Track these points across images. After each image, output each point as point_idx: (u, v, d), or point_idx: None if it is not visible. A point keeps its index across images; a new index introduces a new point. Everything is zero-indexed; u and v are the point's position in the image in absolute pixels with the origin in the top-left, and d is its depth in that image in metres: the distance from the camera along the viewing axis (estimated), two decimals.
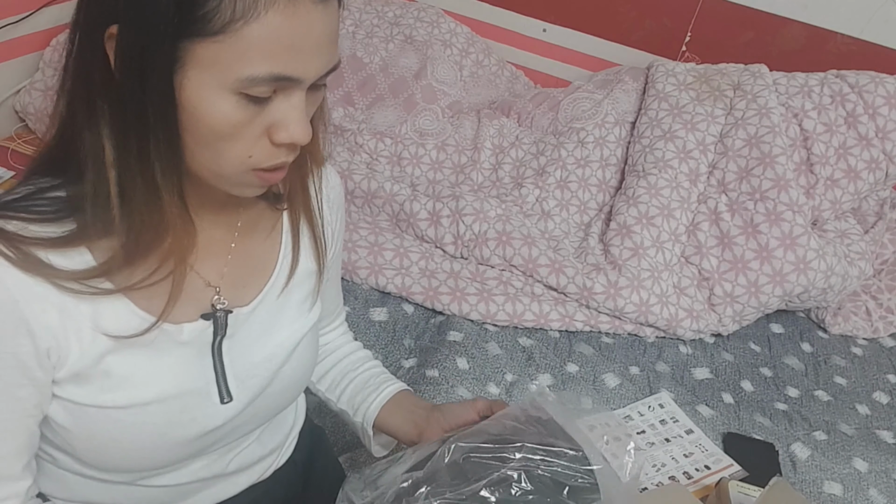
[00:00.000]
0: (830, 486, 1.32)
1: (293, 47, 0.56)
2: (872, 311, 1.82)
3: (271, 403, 0.79)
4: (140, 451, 0.69)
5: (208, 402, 0.71)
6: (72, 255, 0.61)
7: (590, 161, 1.87)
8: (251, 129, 0.58)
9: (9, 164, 1.77)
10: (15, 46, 1.80)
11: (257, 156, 0.60)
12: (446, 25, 2.18)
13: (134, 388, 0.66)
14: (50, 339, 0.61)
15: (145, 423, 0.67)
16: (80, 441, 0.67)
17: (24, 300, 0.59)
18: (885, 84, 1.73)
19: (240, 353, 0.74)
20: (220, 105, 0.56)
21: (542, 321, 1.60)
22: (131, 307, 0.65)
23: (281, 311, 0.77)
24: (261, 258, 0.76)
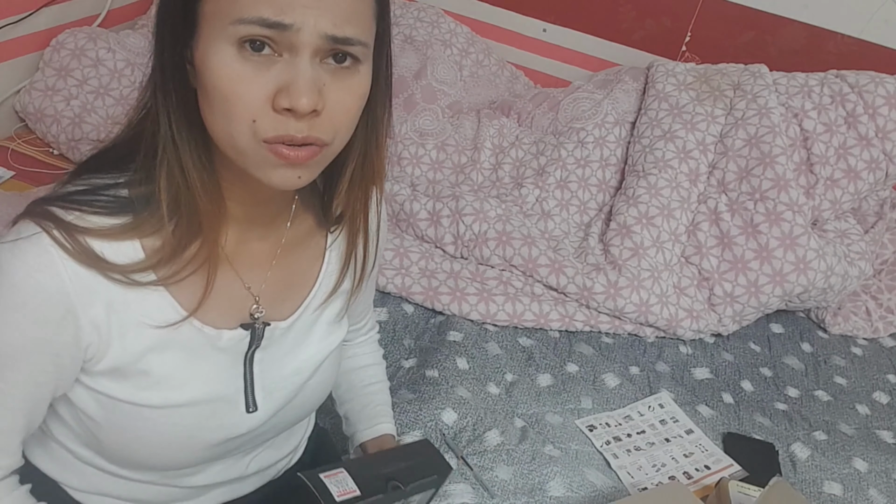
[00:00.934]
0: (830, 486, 1.32)
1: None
2: (872, 311, 1.82)
3: (292, 415, 0.81)
4: (165, 451, 0.71)
5: (235, 410, 0.73)
6: (124, 246, 0.63)
7: (590, 161, 1.87)
8: (254, 90, 0.57)
9: (9, 164, 1.77)
10: (15, 46, 1.80)
11: (261, 122, 0.58)
12: (446, 25, 2.18)
13: (170, 390, 0.68)
14: (93, 333, 0.63)
15: (175, 425, 0.69)
16: (107, 435, 0.69)
17: (76, 292, 0.61)
18: (885, 84, 1.73)
19: (270, 365, 0.75)
20: (221, 56, 0.57)
21: (542, 321, 1.59)
22: (174, 305, 0.66)
23: (313, 327, 0.79)
24: (302, 274, 0.77)
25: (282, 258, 0.75)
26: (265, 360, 0.75)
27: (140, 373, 0.66)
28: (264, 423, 0.76)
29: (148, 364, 0.66)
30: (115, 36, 1.95)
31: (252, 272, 0.73)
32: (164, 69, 0.61)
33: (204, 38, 0.58)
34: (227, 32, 0.56)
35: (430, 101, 2.05)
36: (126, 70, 1.90)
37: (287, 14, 0.55)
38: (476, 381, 1.39)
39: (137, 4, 2.14)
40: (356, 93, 0.61)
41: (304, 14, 0.56)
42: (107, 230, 0.62)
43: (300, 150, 0.59)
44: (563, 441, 1.31)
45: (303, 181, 0.62)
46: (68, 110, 1.82)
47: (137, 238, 0.63)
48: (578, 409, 1.40)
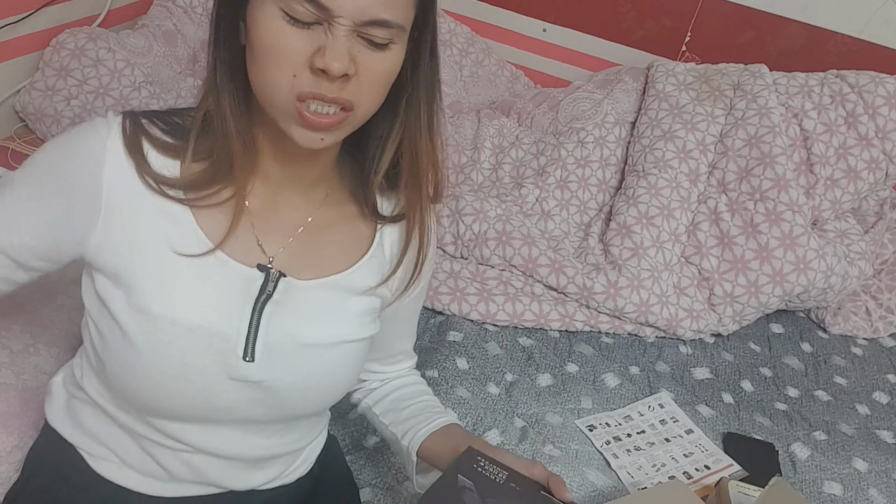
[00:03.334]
0: (830, 486, 1.32)
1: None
2: (872, 311, 1.82)
3: (296, 398, 0.78)
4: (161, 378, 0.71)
5: (232, 352, 0.73)
6: (166, 161, 0.71)
7: (590, 161, 1.87)
8: (295, 50, 0.63)
9: (9, 164, 1.77)
10: (15, 46, 1.80)
11: (300, 77, 0.64)
12: (446, 25, 2.18)
13: (168, 300, 0.70)
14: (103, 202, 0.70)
15: (169, 344, 0.70)
16: (109, 353, 0.72)
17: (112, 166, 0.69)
18: (885, 84, 1.73)
19: (279, 322, 0.75)
20: (268, 17, 0.63)
21: (542, 321, 1.59)
22: (193, 224, 0.72)
23: (339, 309, 0.79)
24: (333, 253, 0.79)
25: (308, 234, 0.77)
26: (274, 315, 0.74)
27: (145, 275, 0.70)
28: (259, 382, 0.74)
29: (153, 268, 0.70)
30: (115, 36, 1.95)
31: (273, 235, 0.76)
32: (219, 24, 0.68)
33: (257, 5, 0.64)
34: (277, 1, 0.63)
35: None
36: (126, 70, 1.90)
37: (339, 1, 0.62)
38: (476, 381, 1.39)
39: (137, 4, 2.14)
40: (385, 65, 0.67)
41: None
42: (159, 140, 0.71)
43: (324, 118, 0.66)
44: (563, 441, 1.31)
45: (325, 143, 0.68)
46: (68, 110, 1.82)
47: (178, 160, 0.71)
48: (578, 409, 1.40)
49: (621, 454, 1.31)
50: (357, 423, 1.26)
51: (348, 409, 1.30)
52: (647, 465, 1.30)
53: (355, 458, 1.19)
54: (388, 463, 1.19)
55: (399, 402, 0.96)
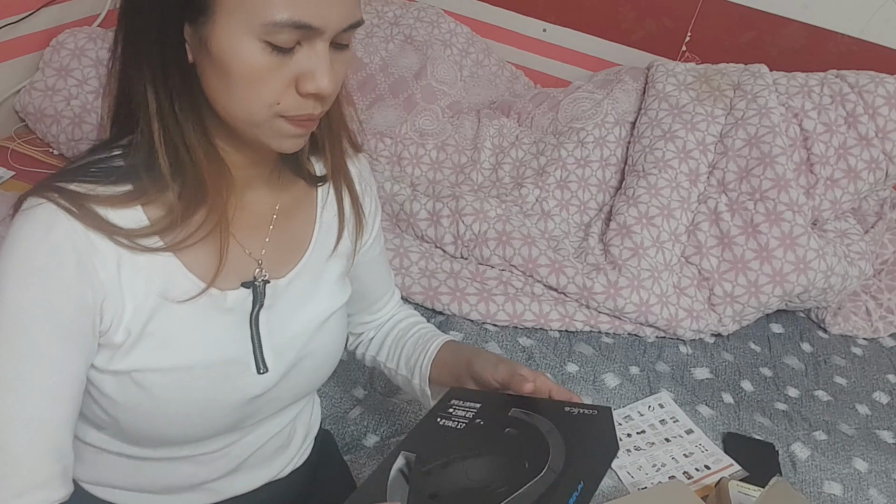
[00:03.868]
0: (830, 486, 1.32)
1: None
2: (872, 311, 1.82)
3: (303, 379, 0.81)
4: (184, 418, 0.71)
5: (247, 371, 0.74)
6: (127, 213, 0.65)
7: (590, 161, 1.87)
8: (278, 77, 0.61)
9: (9, 164, 1.77)
10: (15, 46, 1.80)
11: (285, 104, 0.62)
12: (446, 25, 2.18)
13: (179, 351, 0.69)
14: (107, 293, 0.65)
15: (190, 388, 0.70)
16: (125, 412, 0.69)
17: (87, 251, 0.63)
18: (885, 84, 1.73)
19: (277, 325, 0.76)
20: (246, 49, 0.59)
21: (542, 321, 1.59)
22: (182, 269, 0.68)
23: (316, 287, 0.80)
24: (297, 235, 0.79)
25: (279, 222, 0.77)
26: (271, 320, 0.75)
27: (149, 335, 0.67)
28: (277, 384, 0.77)
29: (157, 326, 0.67)
30: None
31: (252, 237, 0.75)
32: (163, 47, 0.61)
33: (223, 27, 0.59)
34: (255, 30, 0.58)
35: (430, 101, 2.05)
36: None
37: (316, 15, 0.59)
38: None
39: None
40: (348, 60, 0.67)
41: (328, 11, 0.60)
42: (109, 197, 0.64)
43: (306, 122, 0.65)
44: None
45: (303, 141, 0.68)
46: (68, 110, 1.82)
47: (140, 205, 0.66)
48: None
49: (621, 454, 1.31)
50: (357, 422, 1.26)
51: (348, 408, 1.30)
52: (647, 465, 1.30)
53: (355, 456, 1.19)
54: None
55: (397, 343, 0.98)
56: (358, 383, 1.36)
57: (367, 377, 1.38)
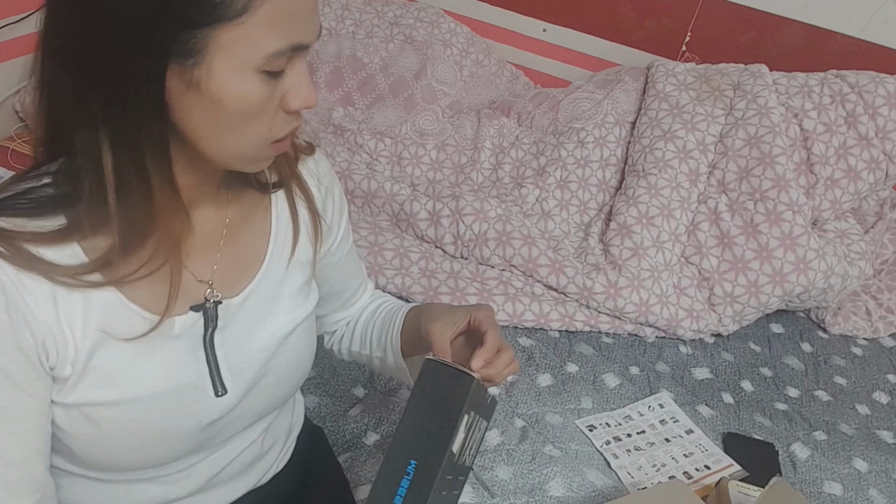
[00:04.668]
0: (830, 486, 1.32)
1: (298, 15, 0.58)
2: (872, 311, 1.82)
3: (268, 396, 0.79)
4: (138, 448, 0.69)
5: (203, 395, 0.71)
6: (63, 249, 0.61)
7: (590, 161, 1.87)
8: (271, 104, 0.60)
9: (9, 164, 1.77)
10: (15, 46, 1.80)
11: (276, 128, 0.62)
12: (446, 25, 2.18)
13: (126, 384, 0.65)
14: (46, 331, 0.61)
15: (141, 420, 0.67)
16: (77, 442, 0.67)
17: (19, 293, 0.59)
18: (885, 84, 1.73)
19: (233, 345, 0.73)
20: (247, 86, 0.58)
21: (542, 321, 1.59)
22: (123, 300, 0.64)
23: (275, 302, 0.77)
24: (250, 250, 0.76)
25: (229, 238, 0.73)
26: (227, 341, 0.72)
27: (93, 370, 0.64)
28: (237, 405, 0.74)
29: (99, 361, 0.64)
30: None
31: (200, 258, 0.71)
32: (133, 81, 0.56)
33: (220, 66, 0.56)
34: (256, 64, 0.57)
35: (430, 101, 2.05)
36: None
37: (303, 33, 0.59)
38: None
39: None
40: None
41: (310, 27, 0.60)
42: (41, 234, 0.60)
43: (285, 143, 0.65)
44: (563, 441, 1.30)
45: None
46: None
47: (76, 241, 0.61)
48: (578, 409, 1.40)
49: (621, 454, 1.31)
50: (357, 420, 1.26)
51: (348, 406, 1.30)
52: (647, 465, 1.30)
53: (355, 454, 1.19)
54: None
55: (367, 328, 0.96)
56: (358, 382, 1.36)
57: (367, 376, 1.38)
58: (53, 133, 0.62)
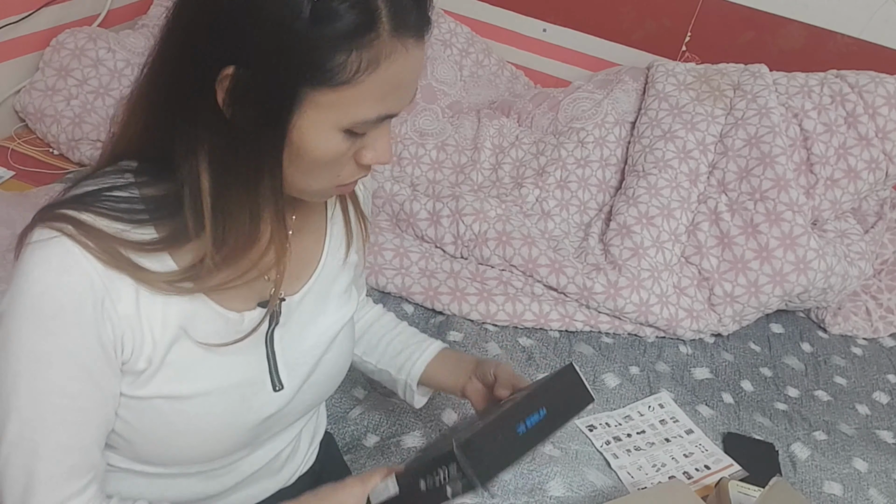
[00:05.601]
0: (830, 486, 1.32)
1: (401, 86, 0.60)
2: (872, 311, 1.82)
3: (315, 392, 0.82)
4: (202, 441, 0.71)
5: (263, 390, 0.74)
6: (156, 257, 0.63)
7: (590, 161, 1.87)
8: (346, 157, 0.63)
9: (9, 164, 1.77)
10: (15, 46, 1.80)
11: (344, 175, 0.65)
12: (446, 25, 2.18)
13: (199, 379, 0.68)
14: (126, 326, 0.63)
15: (208, 414, 0.70)
16: (140, 435, 0.69)
17: (105, 289, 0.61)
18: (885, 84, 1.73)
19: (290, 341, 0.76)
20: (329, 142, 0.60)
21: (542, 321, 1.59)
22: (204, 300, 0.67)
23: (326, 301, 0.80)
24: (308, 249, 0.79)
25: (293, 238, 0.76)
26: (285, 338, 0.76)
27: (167, 364, 0.66)
28: (291, 400, 0.77)
29: (175, 356, 0.66)
30: (115, 36, 1.95)
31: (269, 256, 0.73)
32: (262, 136, 0.59)
33: (309, 121, 0.58)
34: (342, 125, 0.59)
35: (430, 101, 2.05)
36: (126, 70, 1.90)
37: (400, 104, 0.62)
38: None
39: (137, 4, 2.14)
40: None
41: (408, 97, 0.63)
42: (135, 244, 0.62)
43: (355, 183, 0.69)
44: (563, 441, 1.30)
45: None
46: (68, 110, 1.82)
47: (167, 252, 0.64)
48: None
49: (621, 454, 1.31)
50: (357, 422, 1.26)
51: (348, 408, 1.30)
52: (647, 465, 1.30)
53: (355, 456, 1.19)
54: (389, 462, 1.19)
55: (378, 340, 1.00)
56: (358, 383, 1.36)
57: (367, 378, 1.38)
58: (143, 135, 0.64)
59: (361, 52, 0.56)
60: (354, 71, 0.56)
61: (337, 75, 0.56)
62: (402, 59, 0.59)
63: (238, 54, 0.56)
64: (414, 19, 0.59)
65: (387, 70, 0.58)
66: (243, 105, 0.57)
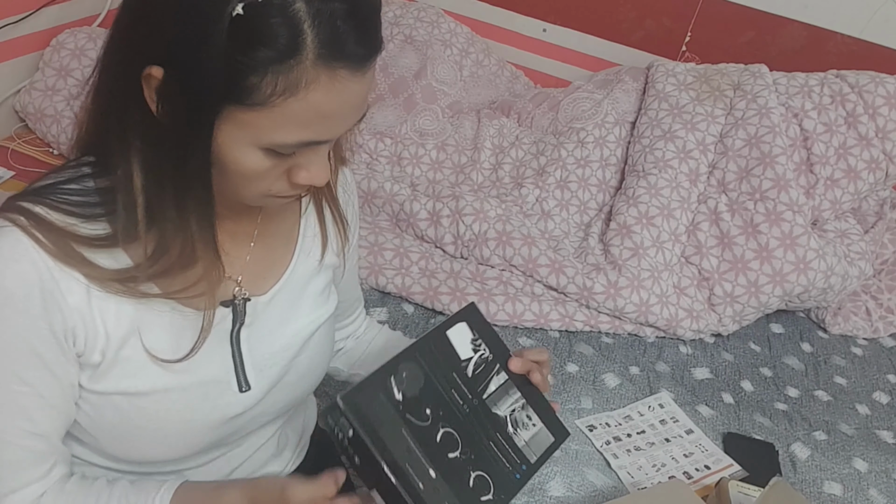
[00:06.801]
0: (830, 486, 1.32)
1: (327, 116, 0.57)
2: (872, 311, 1.82)
3: (288, 394, 0.81)
4: (161, 440, 0.70)
5: (228, 390, 0.73)
6: (105, 254, 0.62)
7: (590, 161, 1.87)
8: (273, 172, 0.61)
9: (9, 164, 1.77)
10: (15, 46, 1.80)
11: (276, 189, 0.63)
12: (446, 25, 2.18)
13: (154, 376, 0.67)
14: (77, 318, 0.62)
15: (168, 410, 0.69)
16: (102, 431, 0.69)
17: (54, 280, 0.60)
18: (885, 84, 1.73)
19: (258, 341, 0.75)
20: (248, 158, 0.58)
21: (542, 321, 1.59)
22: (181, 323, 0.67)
23: (299, 301, 0.79)
24: (278, 250, 0.78)
25: (260, 236, 0.75)
26: (252, 337, 0.74)
27: (124, 360, 0.66)
28: (259, 401, 0.76)
29: (130, 350, 0.65)
30: None
31: (231, 254, 0.72)
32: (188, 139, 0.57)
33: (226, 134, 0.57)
34: (259, 144, 0.57)
35: (430, 101, 2.05)
36: None
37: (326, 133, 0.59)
38: None
39: None
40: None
41: (338, 127, 0.59)
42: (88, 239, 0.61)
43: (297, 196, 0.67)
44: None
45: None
46: (68, 110, 1.82)
47: (120, 247, 0.63)
48: (578, 409, 1.40)
49: (621, 454, 1.31)
50: None
51: None
52: (647, 465, 1.30)
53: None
54: None
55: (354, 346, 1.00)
56: None
57: None
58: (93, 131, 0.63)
59: (278, 77, 0.53)
60: (269, 94, 0.54)
61: (251, 95, 0.54)
62: (327, 88, 0.55)
63: (163, 55, 0.54)
64: (350, 48, 0.55)
65: (308, 98, 0.55)
66: (170, 105, 0.56)
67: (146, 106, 0.57)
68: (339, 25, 0.54)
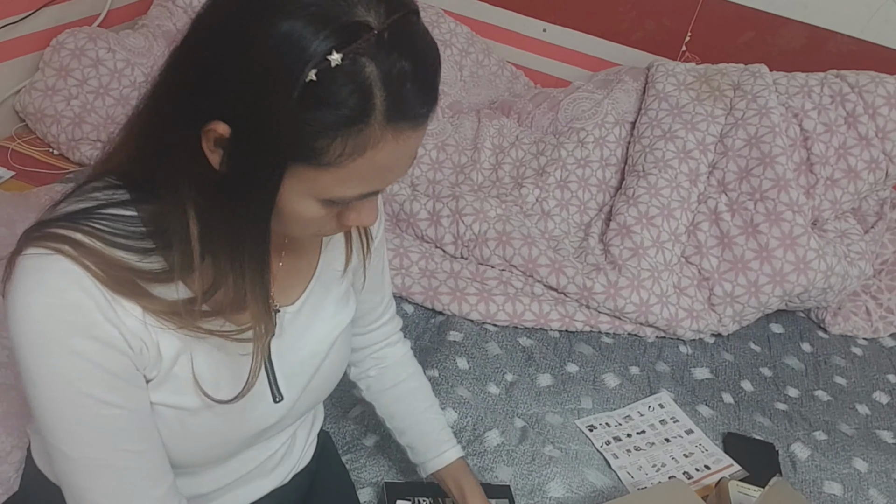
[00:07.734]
0: (830, 486, 1.32)
1: (389, 170, 0.59)
2: (872, 311, 1.82)
3: (312, 398, 0.82)
4: (198, 448, 0.71)
5: (263, 401, 0.74)
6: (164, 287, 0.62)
7: (590, 161, 1.87)
8: (327, 217, 0.62)
9: (9, 164, 1.77)
10: (15, 46, 1.80)
11: (326, 230, 0.65)
12: (446, 25, 2.18)
13: (202, 392, 0.68)
14: (133, 335, 0.62)
15: (211, 424, 0.70)
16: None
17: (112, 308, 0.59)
18: (885, 84, 1.73)
19: (287, 351, 0.76)
20: (306, 208, 0.59)
21: (542, 321, 1.59)
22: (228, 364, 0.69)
23: (321, 308, 0.80)
24: (304, 259, 0.78)
25: (289, 247, 0.76)
26: (282, 348, 0.75)
27: (174, 377, 0.66)
28: (290, 409, 0.78)
29: (181, 367, 0.66)
30: (115, 36, 1.95)
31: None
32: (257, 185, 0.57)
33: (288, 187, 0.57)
34: (321, 198, 0.58)
35: None
36: (126, 70, 1.90)
37: (385, 183, 0.60)
38: (476, 381, 1.39)
39: (137, 4, 2.15)
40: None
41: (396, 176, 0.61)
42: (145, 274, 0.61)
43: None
44: (563, 441, 1.31)
45: None
46: (68, 110, 1.82)
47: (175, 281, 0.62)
48: (578, 409, 1.40)
49: (621, 454, 1.31)
50: (357, 421, 1.26)
51: (348, 407, 1.30)
52: (647, 465, 1.30)
53: (355, 456, 1.19)
54: (389, 462, 1.19)
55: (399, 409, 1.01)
56: None
57: None
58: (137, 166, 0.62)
59: (347, 139, 0.54)
60: (338, 155, 0.55)
61: (320, 157, 0.55)
62: (392, 146, 0.56)
63: (229, 113, 0.54)
64: (416, 108, 0.56)
65: (373, 157, 0.56)
66: (235, 160, 0.56)
67: (203, 156, 0.57)
68: (407, 87, 0.54)
